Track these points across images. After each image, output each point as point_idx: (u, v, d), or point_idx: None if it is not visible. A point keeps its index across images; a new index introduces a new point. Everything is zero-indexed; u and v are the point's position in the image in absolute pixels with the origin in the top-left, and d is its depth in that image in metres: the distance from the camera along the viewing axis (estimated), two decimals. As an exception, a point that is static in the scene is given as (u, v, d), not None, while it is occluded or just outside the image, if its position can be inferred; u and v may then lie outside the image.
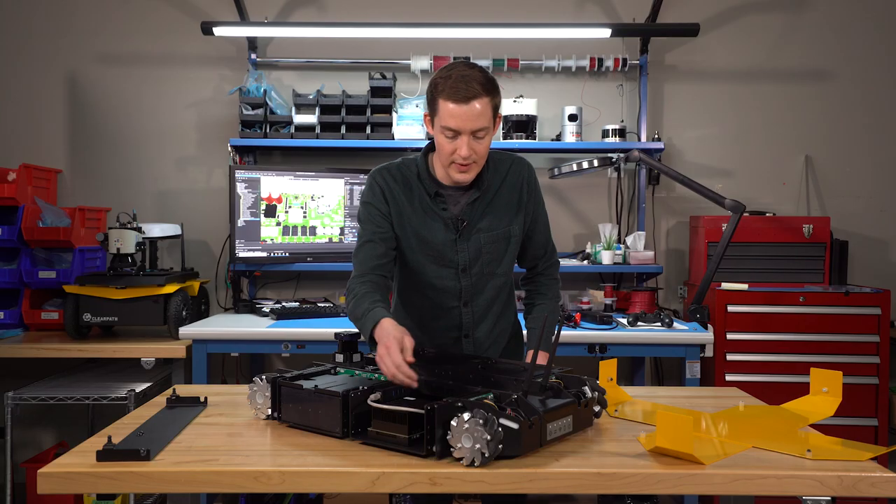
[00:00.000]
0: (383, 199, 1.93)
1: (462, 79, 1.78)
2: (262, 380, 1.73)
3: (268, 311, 3.26)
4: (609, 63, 3.63)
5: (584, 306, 3.44)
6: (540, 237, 2.06)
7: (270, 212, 3.41)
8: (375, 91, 3.53)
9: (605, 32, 3.42)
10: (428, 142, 1.97)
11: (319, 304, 3.43)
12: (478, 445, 1.38)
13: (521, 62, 3.63)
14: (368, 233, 1.93)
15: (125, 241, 3.13)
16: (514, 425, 1.42)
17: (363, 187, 1.98)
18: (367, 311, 1.77)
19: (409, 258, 1.96)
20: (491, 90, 1.82)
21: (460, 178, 1.87)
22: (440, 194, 1.93)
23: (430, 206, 1.93)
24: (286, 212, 3.44)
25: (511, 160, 2.00)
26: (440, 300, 1.98)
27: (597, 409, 1.68)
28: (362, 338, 1.84)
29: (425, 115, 1.91)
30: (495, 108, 1.85)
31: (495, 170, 1.97)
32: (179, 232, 3.52)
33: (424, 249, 1.94)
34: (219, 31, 3.43)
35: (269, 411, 1.71)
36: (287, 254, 3.46)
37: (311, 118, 3.52)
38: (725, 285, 3.23)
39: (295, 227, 3.47)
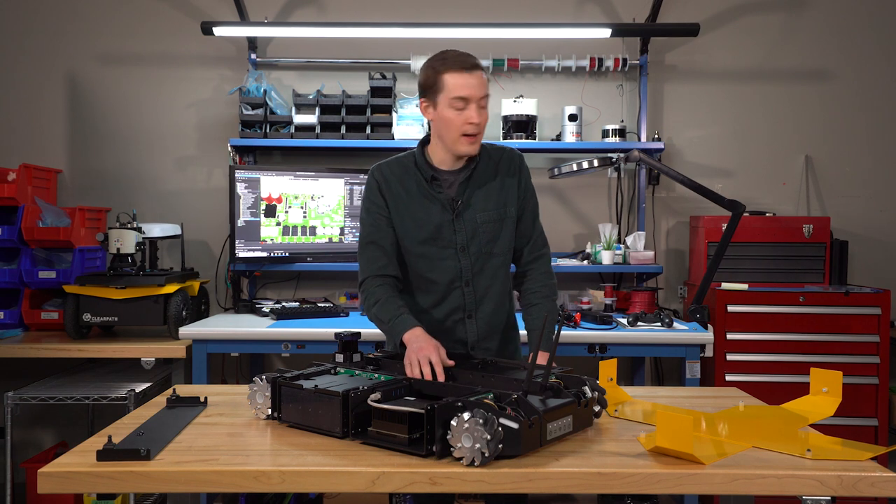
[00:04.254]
0: (379, 193, 2.05)
1: (460, 54, 1.96)
2: (262, 380, 1.73)
3: (268, 311, 3.26)
4: (609, 63, 3.63)
5: (584, 306, 3.44)
6: (525, 224, 2.11)
7: (270, 212, 3.41)
8: (375, 91, 3.53)
9: (605, 32, 3.42)
10: (423, 136, 2.08)
11: (319, 304, 3.43)
12: (478, 445, 1.38)
13: (521, 62, 3.64)
14: (370, 233, 2.05)
15: (125, 241, 3.13)
16: (514, 425, 1.42)
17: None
18: (395, 315, 1.93)
19: (410, 244, 2.04)
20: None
21: (470, 150, 1.98)
22: (436, 178, 2.03)
23: (426, 190, 2.03)
24: (286, 212, 3.44)
25: (503, 150, 2.12)
26: (443, 282, 2.05)
27: (597, 409, 1.69)
28: (389, 340, 1.96)
29: (422, 104, 1.99)
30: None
31: (489, 156, 2.08)
32: (179, 232, 3.52)
33: (424, 233, 2.03)
34: (219, 31, 3.43)
35: (270, 411, 1.71)
36: (287, 254, 3.46)
37: (311, 118, 3.52)
38: (725, 285, 3.23)
39: (295, 227, 3.47)
